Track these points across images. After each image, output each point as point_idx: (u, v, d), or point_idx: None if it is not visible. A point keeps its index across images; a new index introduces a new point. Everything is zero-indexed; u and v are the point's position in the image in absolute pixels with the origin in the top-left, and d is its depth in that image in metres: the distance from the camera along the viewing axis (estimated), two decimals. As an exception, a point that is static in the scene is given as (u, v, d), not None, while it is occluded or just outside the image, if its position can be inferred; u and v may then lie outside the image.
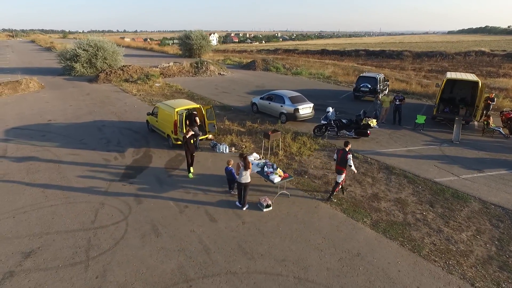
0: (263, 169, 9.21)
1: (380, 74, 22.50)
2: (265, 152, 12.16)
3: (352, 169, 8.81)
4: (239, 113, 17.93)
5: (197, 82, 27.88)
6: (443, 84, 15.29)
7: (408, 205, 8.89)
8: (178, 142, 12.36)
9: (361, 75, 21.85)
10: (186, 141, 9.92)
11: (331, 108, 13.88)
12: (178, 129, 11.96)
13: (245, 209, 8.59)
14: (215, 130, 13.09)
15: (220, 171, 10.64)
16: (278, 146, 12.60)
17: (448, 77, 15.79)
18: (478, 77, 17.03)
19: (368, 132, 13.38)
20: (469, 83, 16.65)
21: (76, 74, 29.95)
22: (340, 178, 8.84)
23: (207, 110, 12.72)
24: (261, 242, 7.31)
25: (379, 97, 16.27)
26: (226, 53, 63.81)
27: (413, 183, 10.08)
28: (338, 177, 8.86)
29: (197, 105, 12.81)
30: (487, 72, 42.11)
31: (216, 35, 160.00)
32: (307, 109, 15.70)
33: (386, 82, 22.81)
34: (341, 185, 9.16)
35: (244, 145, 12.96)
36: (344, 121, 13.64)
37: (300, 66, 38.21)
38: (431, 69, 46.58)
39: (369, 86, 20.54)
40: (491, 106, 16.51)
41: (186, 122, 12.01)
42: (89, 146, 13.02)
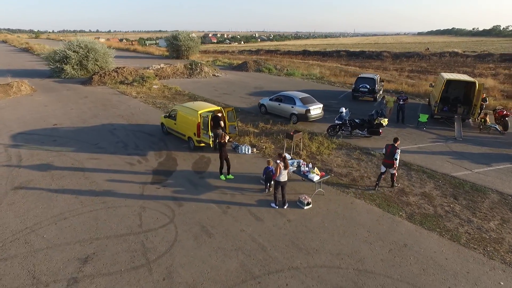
0: (299, 169, 9.55)
1: (377, 75, 23.45)
2: (288, 153, 12.51)
3: (396, 162, 9.56)
4: (247, 115, 18.17)
5: (195, 84, 27.79)
6: (443, 85, 16.26)
7: (434, 198, 9.52)
8: (201, 144, 12.47)
9: (360, 76, 22.69)
10: (222, 146, 10.09)
11: (344, 108, 14.43)
12: (202, 131, 12.06)
13: (286, 207, 8.90)
14: (236, 131, 13.29)
15: (247, 171, 10.91)
16: (297, 146, 12.98)
17: (447, 77, 16.79)
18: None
19: (380, 131, 14.04)
20: (462, 83, 17.79)
21: (67, 76, 28.99)
22: (393, 170, 9.70)
23: (228, 112, 12.90)
24: (312, 238, 7.65)
25: (385, 97, 17.05)
26: (207, 53, 63.61)
27: (432, 178, 10.77)
28: (389, 170, 9.73)
29: (219, 107, 12.96)
30: (464, 72, 44.60)
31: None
32: (317, 110, 16.20)
33: (381, 82, 23.81)
34: (378, 181, 9.91)
35: (264, 146, 13.25)
36: (357, 120, 14.23)
37: (287, 67, 38.82)
38: (411, 69, 48.57)
39: (368, 86, 21.39)
40: (484, 105, 17.71)
41: (211, 124, 12.11)
42: (107, 150, 12.84)
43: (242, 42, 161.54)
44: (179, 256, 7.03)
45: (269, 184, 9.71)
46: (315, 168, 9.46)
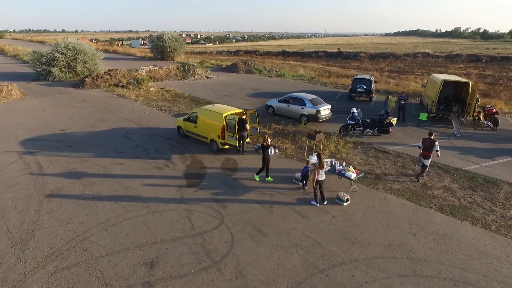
0: (334, 167, 10.05)
1: (371, 76, 24.55)
2: (309, 152, 13.00)
3: (438, 153, 10.74)
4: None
5: (191, 86, 27.65)
6: (440, 85, 17.44)
7: (455, 191, 10.36)
8: (225, 146, 12.67)
9: (356, 77, 23.65)
10: (265, 148, 10.37)
11: (355, 109, 15.15)
12: (228, 133, 12.26)
13: (325, 203, 9.36)
14: (257, 133, 13.58)
15: (276, 171, 11.23)
16: (316, 146, 13.49)
17: (443, 78, 17.98)
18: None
19: (390, 130, 14.88)
20: (452, 83, 19.15)
21: (54, 79, 27.83)
22: (428, 162, 10.61)
23: (250, 114, 13.17)
24: (360, 232, 8.16)
25: (389, 97, 18.01)
26: (191, 55, 63.08)
27: (447, 173, 11.65)
28: (425, 161, 10.71)
29: (241, 110, 13.20)
30: (439, 72, 47.35)
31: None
32: (326, 110, 16.83)
33: (375, 83, 24.95)
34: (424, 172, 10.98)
35: (285, 146, 13.66)
36: (368, 120, 14.99)
37: (275, 68, 39.38)
38: (390, 69, 50.88)
39: (365, 87, 22.39)
40: (477, 104, 19.13)
41: (237, 127, 12.32)
42: (129, 155, 12.70)
43: (217, 42, 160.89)
44: (243, 255, 7.28)
45: (305, 182, 10.14)
46: (350, 166, 9.99)
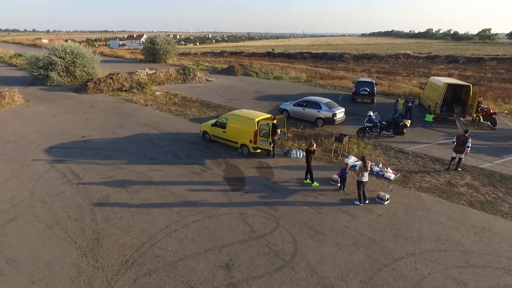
0: (372, 169, 10.71)
1: (372, 79, 25.61)
2: (335, 154, 13.64)
3: (468, 149, 12.11)
4: (270, 120, 18.94)
5: (195, 89, 27.73)
6: (445, 88, 18.58)
7: (478, 188, 11.28)
8: (257, 150, 13.08)
9: (359, 80, 24.61)
10: (310, 153, 10.86)
11: (372, 112, 15.96)
12: (261, 138, 12.67)
13: (367, 202, 10.00)
14: (285, 137, 14.08)
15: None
16: (341, 148, 14.16)
17: (446, 82, 19.13)
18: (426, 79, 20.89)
19: (404, 131, 15.78)
20: (451, 85, 20.41)
21: (52, 83, 27.13)
22: (462, 154, 11.99)
23: (279, 119, 13.63)
24: (408, 228, 8.83)
25: (398, 100, 18.98)
26: (178, 56, 62.53)
27: (466, 171, 12.60)
28: (459, 155, 12.35)
29: (269, 115, 13.65)
30: (423, 73, 49.56)
31: (145, 37, 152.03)
32: (341, 114, 17.58)
33: (375, 85, 26.04)
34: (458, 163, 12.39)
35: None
36: (384, 122, 15.83)
37: (270, 70, 39.99)
38: (377, 71, 52.67)
39: (368, 90, 23.40)
40: (480, 106, 20.45)
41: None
42: (162, 161, 12.85)
43: (198, 43, 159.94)
44: (309, 254, 7.76)
45: (343, 184, 10.73)
46: (387, 167, 10.69)
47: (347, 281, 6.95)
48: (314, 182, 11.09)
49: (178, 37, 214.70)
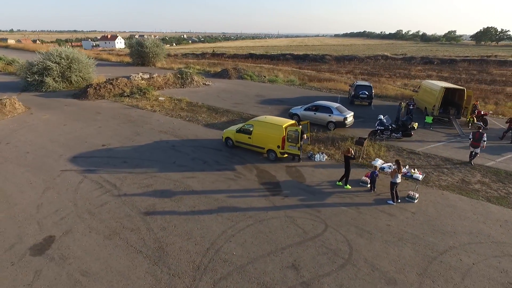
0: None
1: (369, 82, 26.89)
2: (356, 156, 14.47)
3: (484, 144, 13.61)
4: (282, 124, 19.58)
5: (196, 94, 27.84)
6: (443, 92, 19.99)
7: (489, 184, 12.48)
8: (284, 155, 13.66)
9: (357, 84, 25.77)
10: (349, 158, 11.52)
11: (382, 115, 16.99)
12: (290, 143, 13.26)
13: (399, 201, 10.86)
14: (308, 141, 14.75)
15: (337, 177, 12.51)
16: (360, 150, 15.03)
17: (443, 86, 20.55)
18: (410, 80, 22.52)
19: (412, 133, 16.93)
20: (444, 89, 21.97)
21: (48, 89, 26.32)
22: (478, 150, 13.29)
23: (303, 125, 14.28)
24: (442, 224, 9.75)
25: (401, 103, 20.20)
26: (173, 58, 61.93)
27: (475, 169, 13.82)
28: (475, 150, 13.87)
29: (293, 121, 14.28)
30: (404, 74, 52.05)
31: (121, 38, 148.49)
32: (351, 117, 18.52)
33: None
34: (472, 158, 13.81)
35: (331, 152, 14.98)
36: (394, 125, 16.91)
37: (259, 73, 40.59)
38: (361, 72, 54.66)
39: (367, 93, 24.61)
40: (475, 109, 22.09)
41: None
42: (193, 168, 13.13)
43: (174, 44, 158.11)
44: (364, 251, 8.45)
45: (373, 186, 11.55)
46: (414, 169, 11.62)
47: (405, 274, 7.70)
48: (347, 185, 11.81)
49: (153, 37, 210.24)
